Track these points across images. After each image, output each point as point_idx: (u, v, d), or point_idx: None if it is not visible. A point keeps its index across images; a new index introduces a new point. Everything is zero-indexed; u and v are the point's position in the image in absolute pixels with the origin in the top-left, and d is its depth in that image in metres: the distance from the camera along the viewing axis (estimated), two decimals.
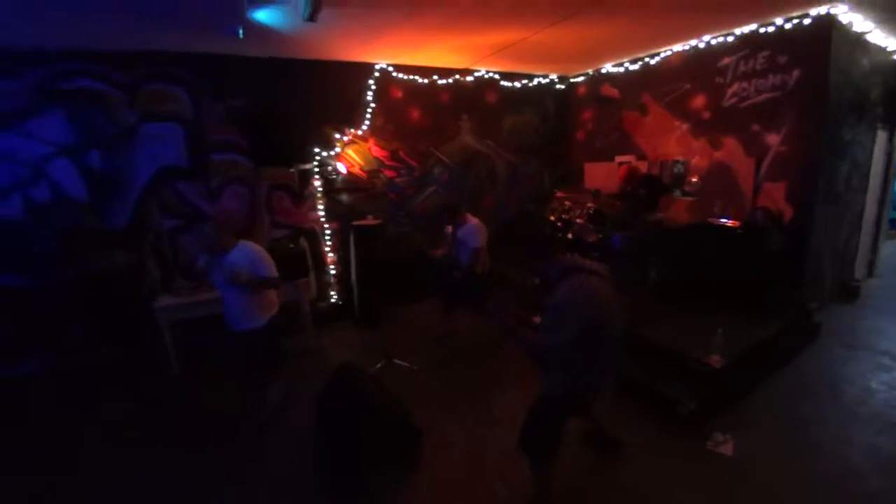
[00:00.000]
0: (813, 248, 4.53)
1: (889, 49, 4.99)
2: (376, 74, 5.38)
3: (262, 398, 3.49)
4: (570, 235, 5.58)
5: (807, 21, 4.12)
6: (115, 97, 4.31)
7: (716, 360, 3.30)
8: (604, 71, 6.26)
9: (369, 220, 5.38)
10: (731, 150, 4.90)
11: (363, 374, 3.33)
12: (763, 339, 3.78)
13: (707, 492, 2.59)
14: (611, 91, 6.25)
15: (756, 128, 4.65)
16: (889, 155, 5.60)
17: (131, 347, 4.52)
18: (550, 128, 6.94)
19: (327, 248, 5.48)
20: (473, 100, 6.15)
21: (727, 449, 2.93)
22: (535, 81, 6.55)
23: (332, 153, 5.31)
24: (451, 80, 5.86)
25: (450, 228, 4.46)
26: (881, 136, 5.33)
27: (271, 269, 3.27)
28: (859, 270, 5.70)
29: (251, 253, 3.20)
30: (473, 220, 4.36)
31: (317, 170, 5.26)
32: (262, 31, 3.93)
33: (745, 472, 2.73)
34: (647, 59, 5.61)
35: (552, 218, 5.86)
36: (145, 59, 4.33)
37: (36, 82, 4.00)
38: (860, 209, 5.40)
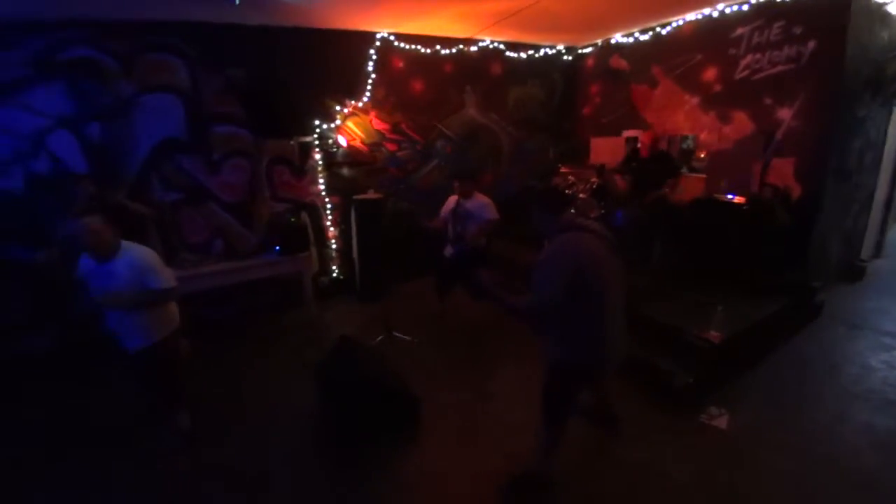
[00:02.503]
0: (820, 227, 4.46)
1: None
2: (377, 44, 5.23)
3: (168, 428, 2.96)
4: (572, 210, 5.51)
5: None
6: (112, 68, 4.22)
7: (715, 336, 3.30)
8: (613, 41, 6.06)
9: (370, 195, 5.34)
10: (742, 124, 4.78)
11: (363, 346, 3.37)
12: (764, 316, 3.76)
13: (696, 463, 2.63)
14: (620, 63, 6.07)
15: (768, 101, 4.52)
16: None
17: None
18: (557, 102, 6.78)
19: (328, 223, 5.47)
20: (477, 71, 5.99)
21: (721, 423, 2.96)
22: (542, 52, 6.36)
23: (333, 126, 5.23)
24: (454, 51, 5.69)
25: (452, 201, 4.27)
26: None
27: (166, 277, 2.61)
28: (866, 250, 5.62)
29: (137, 262, 2.53)
30: (484, 197, 4.17)
31: (317, 143, 5.19)
32: None
33: (736, 445, 2.77)
34: (658, 29, 5.41)
35: None
36: (142, 29, 4.23)
37: (34, 53, 3.91)
38: (871, 189, 5.28)
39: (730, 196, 4.67)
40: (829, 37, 4.03)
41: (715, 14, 4.78)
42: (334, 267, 5.62)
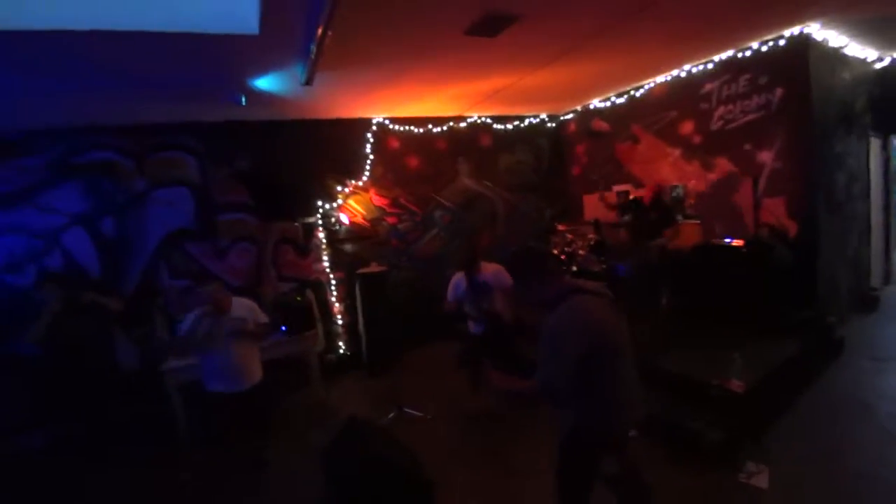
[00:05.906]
0: (822, 261, 4.44)
1: (869, 59, 5.11)
2: (373, 128, 5.61)
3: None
4: (574, 268, 5.55)
5: (782, 42, 4.26)
6: (126, 167, 4.54)
7: (737, 385, 3.16)
8: (592, 107, 6.46)
9: (374, 268, 5.42)
10: (726, 170, 4.95)
11: (371, 426, 3.23)
12: (784, 358, 3.64)
13: None
14: (601, 125, 6.42)
15: (748, 147, 4.71)
16: (886, 161, 5.59)
17: (139, 414, 4.41)
18: (546, 164, 7.09)
19: (333, 299, 5.51)
20: (468, 144, 6.34)
21: (761, 481, 2.75)
22: (527, 122, 6.77)
23: (335, 205, 5.46)
24: (445, 128, 6.08)
25: (461, 278, 3.91)
26: (875, 144, 5.35)
27: (266, 317, 3.57)
28: (875, 279, 5.55)
29: (249, 304, 3.45)
30: (493, 264, 3.86)
31: (320, 222, 5.39)
32: (264, 97, 4.17)
33: None
34: (632, 92, 5.79)
35: (555, 251, 5.86)
36: (154, 130, 4.60)
37: (51, 158, 4.25)
38: (865, 217, 5.33)
39: (728, 240, 4.72)
40: (793, 83, 4.29)
41: (683, 74, 5.15)
42: (341, 343, 5.56)
